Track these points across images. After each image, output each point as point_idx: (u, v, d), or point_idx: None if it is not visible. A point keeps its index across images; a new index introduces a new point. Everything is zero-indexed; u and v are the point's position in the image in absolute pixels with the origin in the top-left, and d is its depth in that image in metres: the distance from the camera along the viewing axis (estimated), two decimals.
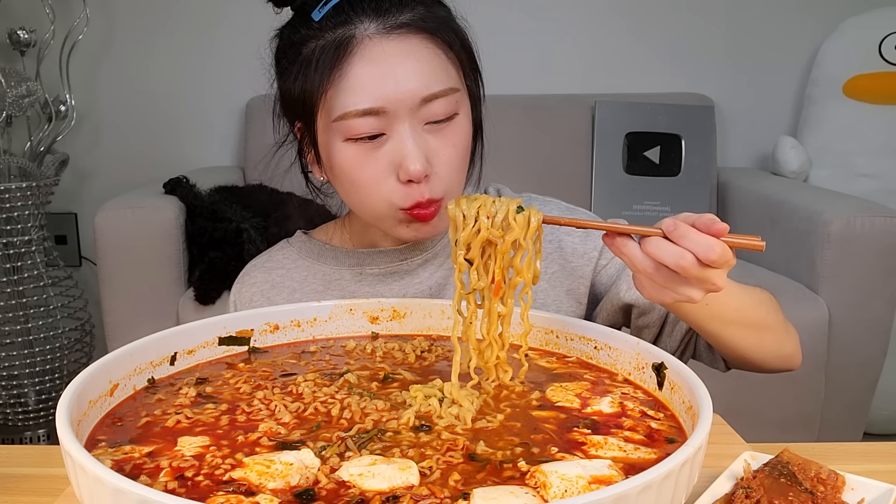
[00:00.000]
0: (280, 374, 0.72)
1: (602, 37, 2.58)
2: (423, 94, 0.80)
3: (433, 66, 0.81)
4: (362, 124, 0.80)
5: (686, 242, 0.64)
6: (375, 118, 0.80)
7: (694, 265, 0.64)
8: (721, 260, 0.65)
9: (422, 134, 0.81)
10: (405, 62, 0.79)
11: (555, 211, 0.96)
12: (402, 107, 0.79)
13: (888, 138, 2.30)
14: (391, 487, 0.51)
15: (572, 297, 0.94)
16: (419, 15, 0.81)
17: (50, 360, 2.22)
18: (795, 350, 0.92)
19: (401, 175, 0.81)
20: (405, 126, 0.80)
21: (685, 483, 0.50)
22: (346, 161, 0.83)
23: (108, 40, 2.52)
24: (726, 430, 0.82)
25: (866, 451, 0.78)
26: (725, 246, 0.65)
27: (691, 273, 0.65)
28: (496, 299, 0.69)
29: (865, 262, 1.86)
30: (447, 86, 0.81)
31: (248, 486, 0.51)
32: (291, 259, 0.99)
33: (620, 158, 2.39)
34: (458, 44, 0.84)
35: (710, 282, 0.66)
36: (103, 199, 2.05)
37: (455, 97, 0.82)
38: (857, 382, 1.95)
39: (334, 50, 0.79)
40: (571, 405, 0.66)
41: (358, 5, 0.80)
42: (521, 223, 0.67)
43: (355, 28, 0.79)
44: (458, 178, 0.86)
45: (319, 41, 0.80)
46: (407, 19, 0.80)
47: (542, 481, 0.52)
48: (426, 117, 0.81)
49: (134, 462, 0.55)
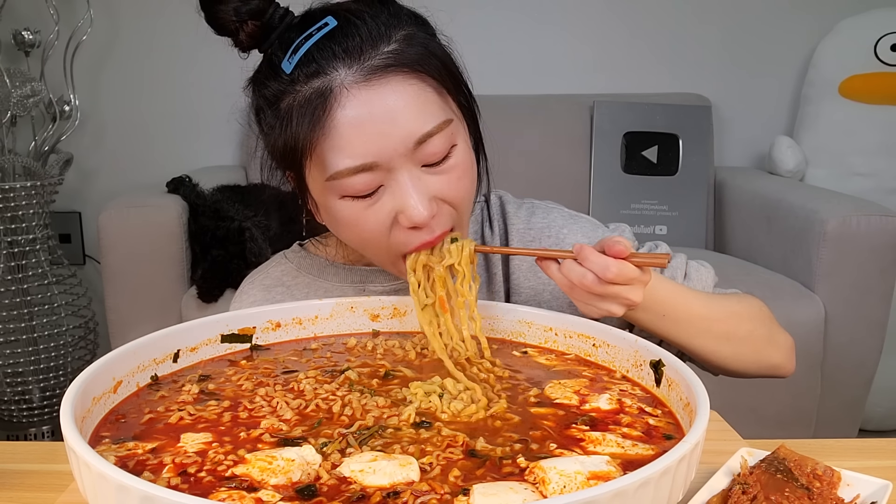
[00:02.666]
0: (282, 371, 0.73)
1: (601, 38, 2.59)
2: (416, 137, 0.73)
3: (420, 104, 0.73)
4: (357, 182, 0.74)
5: (586, 264, 0.72)
6: (370, 173, 0.73)
7: (595, 283, 0.72)
8: (621, 277, 0.71)
9: (421, 177, 0.75)
10: (390, 110, 0.72)
11: (556, 219, 0.95)
12: (396, 155, 0.73)
13: (883, 138, 2.31)
14: (392, 483, 0.52)
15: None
16: (395, 51, 0.73)
17: (54, 358, 2.23)
18: (784, 360, 0.92)
19: (404, 222, 0.75)
20: (403, 174, 0.74)
21: (682, 479, 0.50)
22: (345, 217, 0.77)
23: (112, 41, 2.53)
24: (723, 426, 0.82)
25: (862, 447, 0.78)
26: (623, 265, 0.71)
27: (595, 290, 0.72)
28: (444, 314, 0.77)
29: (861, 260, 1.87)
30: (439, 120, 0.74)
31: (251, 481, 0.52)
32: (290, 275, 0.96)
33: (619, 158, 2.40)
34: (442, 69, 0.76)
35: (622, 297, 0.73)
36: (107, 198, 2.06)
37: (450, 129, 0.75)
38: (852, 379, 1.96)
39: (313, 107, 0.72)
40: (570, 402, 0.66)
41: (328, 51, 0.73)
42: (455, 251, 0.77)
43: (330, 78, 0.72)
44: (468, 206, 0.81)
45: (296, 96, 0.74)
46: (383, 60, 0.73)
47: (540, 477, 0.52)
48: (423, 159, 0.75)
49: (137, 458, 0.55)
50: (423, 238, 0.77)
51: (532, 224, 0.95)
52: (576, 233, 0.94)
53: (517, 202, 0.98)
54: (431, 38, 0.79)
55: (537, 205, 0.98)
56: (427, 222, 0.75)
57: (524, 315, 0.81)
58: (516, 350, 0.79)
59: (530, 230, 0.95)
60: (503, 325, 0.82)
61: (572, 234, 0.94)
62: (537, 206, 0.97)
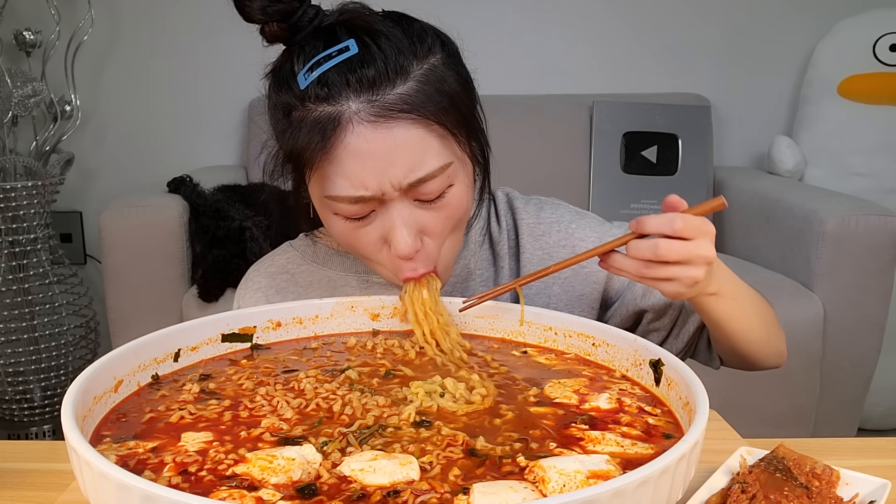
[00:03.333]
0: (282, 371, 0.73)
1: (600, 38, 2.59)
2: (411, 179, 0.74)
3: (422, 148, 0.74)
4: (350, 209, 0.76)
5: (648, 229, 0.70)
6: (364, 203, 0.76)
7: (670, 247, 0.69)
8: (689, 229, 0.70)
9: (412, 212, 0.77)
10: (392, 152, 0.73)
11: (564, 214, 0.96)
12: (391, 191, 0.75)
13: (882, 138, 2.31)
14: (392, 482, 0.52)
15: (584, 301, 0.94)
16: (408, 93, 0.73)
17: (55, 357, 2.23)
18: (784, 348, 0.93)
19: (392, 250, 0.78)
20: (395, 205, 0.76)
21: (682, 478, 0.50)
22: (338, 231, 0.80)
23: (113, 41, 2.53)
24: (722, 425, 0.82)
25: (861, 446, 0.78)
26: (686, 216, 0.69)
27: (672, 255, 0.70)
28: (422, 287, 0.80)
29: (860, 259, 1.87)
30: (439, 164, 0.75)
31: (251, 480, 0.52)
32: (295, 263, 0.97)
33: (618, 158, 2.41)
34: (452, 111, 0.76)
35: (696, 254, 0.71)
36: (108, 197, 2.07)
37: (448, 171, 0.76)
38: (851, 379, 1.96)
39: (321, 130, 0.73)
40: (570, 401, 0.66)
41: (343, 79, 0.73)
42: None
43: (340, 108, 0.73)
44: (453, 245, 0.83)
45: (306, 114, 0.74)
46: (396, 99, 0.73)
47: (540, 476, 0.52)
48: (417, 195, 0.76)
49: (138, 457, 0.55)
50: (408, 273, 0.80)
51: (542, 219, 0.95)
52: (584, 228, 0.94)
53: (524, 198, 0.99)
54: (450, 71, 0.78)
55: (544, 200, 0.98)
56: (411, 255, 0.78)
57: (524, 314, 0.81)
58: (516, 349, 0.79)
59: (540, 224, 0.95)
60: (503, 324, 0.82)
61: (581, 229, 0.94)
62: (545, 201, 0.98)
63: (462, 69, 0.80)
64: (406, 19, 0.79)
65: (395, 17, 0.79)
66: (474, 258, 0.95)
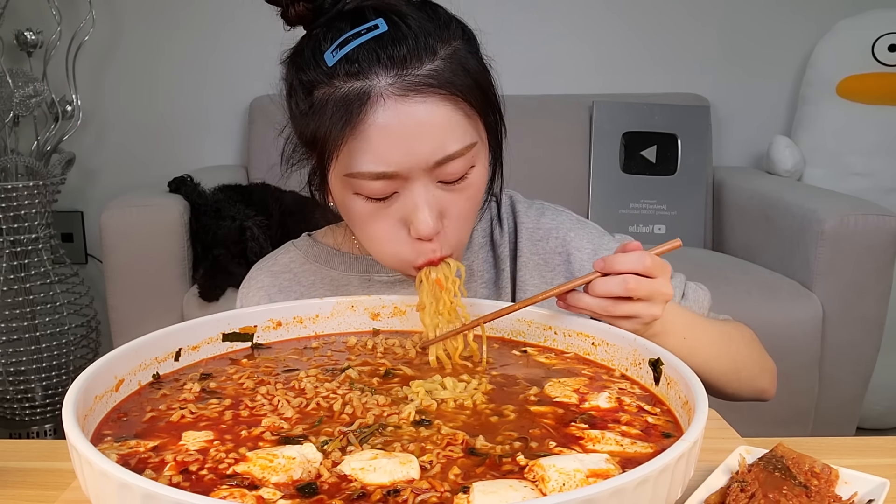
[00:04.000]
0: (283, 370, 0.73)
1: (600, 38, 2.60)
2: (439, 157, 0.75)
3: (450, 126, 0.75)
4: (374, 187, 0.76)
5: (620, 268, 0.73)
6: (388, 181, 0.75)
7: (639, 283, 0.73)
8: (656, 267, 0.73)
9: (434, 191, 0.77)
10: (420, 127, 0.74)
11: (564, 222, 0.96)
12: (416, 169, 0.75)
13: (880, 138, 2.32)
14: (392, 481, 0.52)
15: None
16: (436, 69, 0.74)
17: (56, 356, 2.24)
18: (769, 385, 0.94)
19: (412, 232, 0.78)
20: (418, 185, 0.76)
21: (681, 477, 0.50)
22: (356, 213, 0.80)
23: (114, 41, 2.54)
24: (721, 424, 0.82)
25: (859, 445, 0.78)
26: (653, 255, 0.74)
27: (641, 291, 0.73)
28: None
29: (858, 259, 1.87)
30: (465, 143, 0.76)
31: (252, 479, 0.52)
32: (298, 263, 0.97)
33: (618, 157, 2.41)
34: (477, 91, 0.78)
35: (659, 291, 0.74)
36: (109, 197, 2.07)
37: (472, 152, 0.77)
38: (850, 378, 1.96)
39: (348, 106, 0.73)
40: (569, 400, 0.66)
41: (373, 55, 0.73)
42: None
43: (370, 83, 0.73)
44: (468, 230, 0.84)
45: (332, 90, 0.74)
46: (425, 75, 0.74)
47: (540, 475, 0.52)
48: (441, 176, 0.77)
49: (139, 456, 0.56)
50: (428, 255, 0.79)
51: (541, 224, 0.96)
52: (582, 238, 0.95)
53: (528, 202, 0.99)
54: (473, 57, 0.79)
55: (547, 206, 0.99)
56: (433, 236, 0.78)
57: (524, 314, 0.81)
58: (516, 349, 0.80)
59: (539, 229, 0.96)
60: (503, 323, 0.82)
61: (578, 238, 0.95)
62: (547, 207, 0.99)
63: (481, 57, 0.82)
64: (430, 5, 0.80)
65: (418, 2, 0.79)
66: (476, 259, 0.96)
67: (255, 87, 2.41)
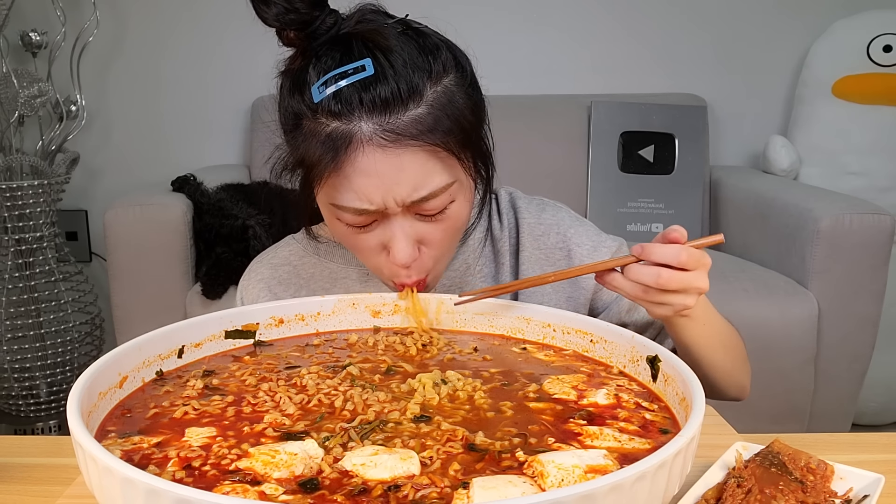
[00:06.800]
0: (284, 367, 0.74)
1: (598, 39, 2.60)
2: (415, 198, 0.77)
3: (428, 169, 0.76)
4: (354, 219, 0.79)
5: (655, 258, 0.73)
6: (367, 215, 0.78)
7: (671, 277, 0.72)
8: (692, 261, 0.73)
9: (413, 223, 0.80)
10: (399, 174, 0.75)
11: (564, 218, 0.97)
12: (394, 206, 0.77)
13: (876, 137, 2.32)
14: (393, 477, 0.52)
15: (572, 304, 0.95)
16: (421, 116, 0.75)
17: (61, 354, 2.25)
18: (748, 383, 0.95)
19: (390, 257, 0.81)
20: (397, 220, 0.79)
21: (678, 472, 0.51)
22: (340, 231, 0.83)
23: (118, 42, 2.54)
24: (718, 421, 0.83)
25: (855, 441, 0.79)
26: (690, 249, 0.73)
27: (672, 284, 0.73)
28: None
29: (854, 257, 1.88)
30: (443, 184, 0.77)
31: (254, 475, 0.52)
32: (298, 255, 0.99)
33: (616, 157, 2.42)
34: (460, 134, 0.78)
35: (693, 285, 0.74)
36: (113, 196, 2.08)
37: (451, 190, 0.79)
38: (846, 375, 1.97)
39: (331, 145, 0.74)
40: (568, 397, 0.67)
41: (357, 98, 0.73)
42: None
43: (353, 126, 0.74)
44: (447, 257, 0.87)
45: (317, 126, 0.75)
46: (406, 123, 0.74)
47: (539, 471, 0.53)
48: (419, 210, 0.79)
49: (143, 452, 0.56)
50: (403, 279, 0.83)
51: (542, 220, 0.97)
52: (581, 235, 0.96)
53: (528, 198, 1.00)
54: (462, 93, 0.79)
55: (547, 202, 1.00)
56: (410, 263, 0.81)
57: (523, 311, 0.82)
58: (516, 346, 0.80)
59: (540, 225, 0.97)
60: (502, 321, 0.83)
61: (578, 235, 0.96)
62: (547, 203, 1.00)
63: (473, 90, 0.81)
64: (422, 35, 0.79)
65: (411, 32, 0.78)
66: (474, 255, 0.96)
67: (258, 87, 2.41)
